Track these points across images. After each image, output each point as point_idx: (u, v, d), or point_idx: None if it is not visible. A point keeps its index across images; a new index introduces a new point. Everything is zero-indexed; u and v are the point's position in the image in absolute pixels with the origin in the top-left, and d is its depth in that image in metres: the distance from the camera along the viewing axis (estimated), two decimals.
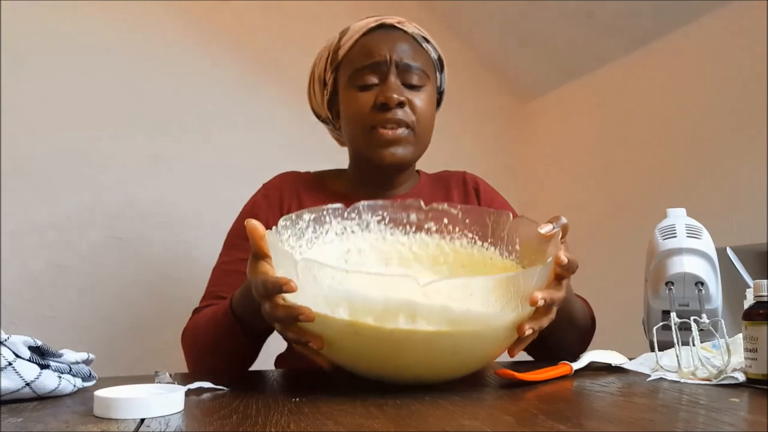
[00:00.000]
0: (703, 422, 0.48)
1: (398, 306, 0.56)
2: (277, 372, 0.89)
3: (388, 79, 0.93)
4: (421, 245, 0.80)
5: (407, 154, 0.95)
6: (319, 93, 1.03)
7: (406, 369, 0.61)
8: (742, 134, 1.35)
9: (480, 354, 0.63)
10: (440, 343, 0.58)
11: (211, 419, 0.50)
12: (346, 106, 0.96)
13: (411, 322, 0.56)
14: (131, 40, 1.48)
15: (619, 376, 0.73)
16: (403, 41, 0.96)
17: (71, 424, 0.49)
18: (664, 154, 1.54)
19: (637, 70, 1.65)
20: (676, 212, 0.93)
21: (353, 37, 0.97)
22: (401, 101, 0.92)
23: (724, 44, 1.41)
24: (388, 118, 0.92)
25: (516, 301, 0.59)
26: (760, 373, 0.62)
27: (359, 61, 0.95)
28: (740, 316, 0.65)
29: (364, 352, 0.61)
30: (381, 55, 0.93)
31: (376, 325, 0.57)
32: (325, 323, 0.59)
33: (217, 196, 1.52)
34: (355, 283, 0.57)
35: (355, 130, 0.95)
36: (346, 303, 0.58)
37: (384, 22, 0.97)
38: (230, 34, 1.60)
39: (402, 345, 0.58)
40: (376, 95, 0.93)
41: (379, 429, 0.45)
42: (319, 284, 0.58)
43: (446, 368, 0.63)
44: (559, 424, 0.46)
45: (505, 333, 0.62)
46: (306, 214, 0.74)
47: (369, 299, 0.57)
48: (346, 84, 0.97)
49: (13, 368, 0.56)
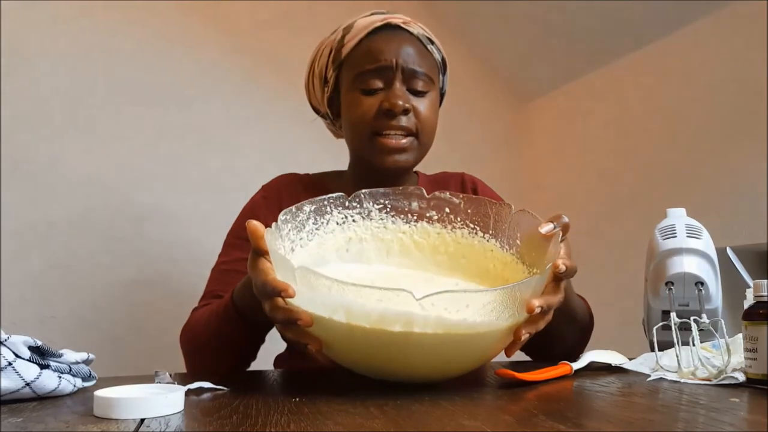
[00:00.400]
0: (703, 422, 0.48)
1: (395, 316, 0.57)
2: (276, 372, 0.89)
3: (394, 86, 0.92)
4: (422, 234, 0.80)
5: (409, 161, 0.95)
6: (320, 89, 1.01)
7: (403, 370, 0.62)
8: (742, 134, 1.35)
9: (475, 357, 0.64)
10: (435, 347, 0.59)
11: (211, 419, 0.50)
12: (350, 110, 0.94)
13: (408, 329, 0.57)
14: (131, 40, 1.48)
15: (619, 376, 0.73)
16: (408, 44, 0.94)
17: (71, 424, 0.49)
18: (664, 154, 1.54)
19: (637, 70, 1.65)
20: (676, 212, 0.93)
21: (357, 36, 0.94)
22: (406, 108, 0.91)
23: (724, 44, 1.41)
24: (392, 125, 0.91)
25: (512, 309, 0.60)
26: (760, 373, 0.62)
27: (364, 64, 0.93)
28: (740, 316, 0.65)
29: (362, 354, 0.62)
30: (387, 59, 0.92)
31: (374, 328, 0.57)
32: (323, 326, 0.60)
33: (218, 196, 1.52)
34: (352, 293, 0.57)
35: (358, 135, 0.94)
36: (343, 310, 0.58)
37: (390, 21, 0.95)
38: (232, 33, 1.60)
39: (399, 348, 0.59)
40: (380, 101, 0.91)
41: (379, 429, 0.45)
42: (317, 291, 0.59)
43: (442, 369, 0.63)
44: (559, 424, 0.46)
45: (501, 337, 0.62)
46: (307, 205, 0.74)
47: (366, 308, 0.57)
48: (349, 86, 0.95)
49: (13, 368, 0.56)
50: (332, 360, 0.65)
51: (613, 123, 1.70)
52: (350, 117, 0.95)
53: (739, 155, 1.35)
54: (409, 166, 0.97)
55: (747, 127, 1.34)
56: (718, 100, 1.41)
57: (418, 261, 0.80)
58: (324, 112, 1.04)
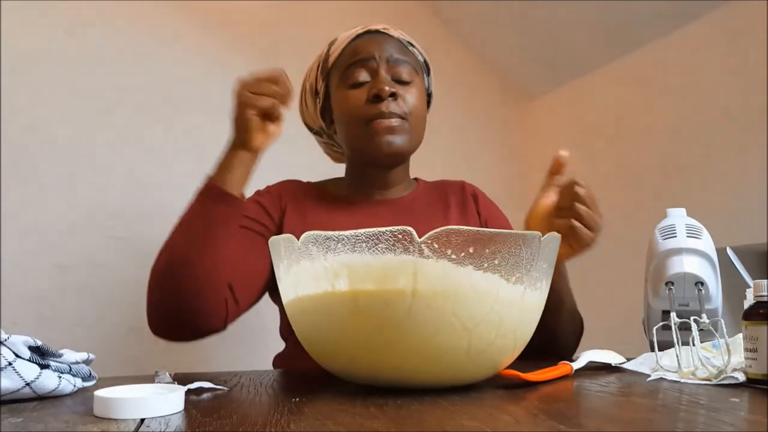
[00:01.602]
0: (703, 422, 0.48)
1: (399, 264, 0.56)
2: (276, 372, 0.89)
3: (379, 74, 0.96)
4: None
5: (403, 144, 0.97)
6: (312, 104, 1.05)
7: (408, 351, 0.58)
8: (742, 134, 1.35)
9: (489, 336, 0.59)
10: (441, 305, 0.57)
11: (211, 419, 0.50)
12: (340, 105, 0.98)
13: (413, 282, 0.56)
14: (132, 39, 1.48)
15: (619, 376, 0.73)
16: (389, 42, 0.99)
17: (71, 424, 0.49)
18: (664, 153, 1.54)
19: (637, 70, 1.65)
20: (676, 212, 0.93)
21: (341, 45, 1.00)
22: (393, 92, 0.94)
23: (724, 44, 1.41)
24: (381, 111, 0.94)
25: (520, 269, 0.59)
26: (760, 373, 0.62)
27: (348, 61, 0.97)
28: (740, 316, 0.65)
29: (365, 333, 0.59)
30: (369, 52, 0.97)
31: (377, 289, 0.56)
32: (325, 305, 0.59)
33: None
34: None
35: (351, 126, 0.97)
36: (346, 270, 0.57)
37: (369, 28, 1.00)
38: (233, 32, 1.60)
39: (405, 314, 0.56)
40: (368, 90, 0.95)
41: (379, 429, 0.45)
42: (317, 260, 0.59)
43: (452, 350, 0.59)
44: (559, 424, 0.46)
45: (510, 309, 0.59)
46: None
47: (369, 263, 0.57)
48: (337, 85, 0.99)
49: (13, 368, 0.56)
50: (330, 365, 0.65)
51: (613, 123, 1.70)
52: (342, 111, 0.98)
53: (739, 155, 1.35)
54: (403, 151, 0.98)
55: (747, 127, 1.34)
56: (718, 99, 1.41)
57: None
58: (318, 127, 1.07)
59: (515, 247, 0.58)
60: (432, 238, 0.56)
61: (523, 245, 0.59)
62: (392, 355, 0.59)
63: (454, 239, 0.56)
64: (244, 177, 0.87)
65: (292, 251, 0.62)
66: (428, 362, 0.59)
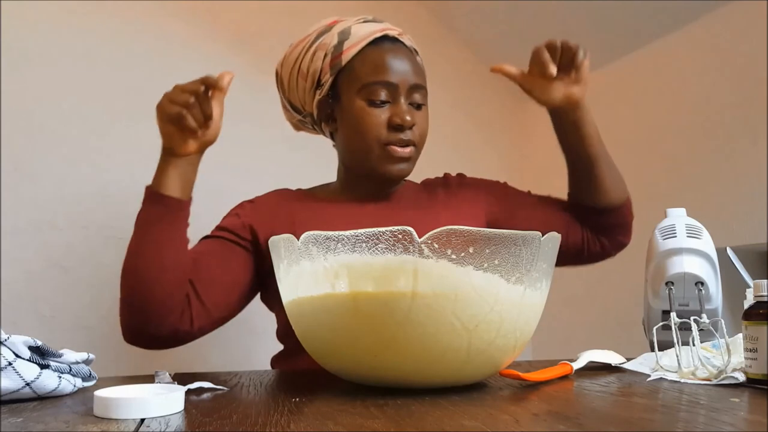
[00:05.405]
0: (703, 422, 0.48)
1: (399, 264, 0.56)
2: (276, 372, 0.89)
3: (399, 102, 0.97)
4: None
5: (410, 168, 1.01)
6: (309, 90, 1.01)
7: (408, 349, 0.58)
8: (742, 134, 1.35)
9: (489, 331, 0.59)
10: (441, 306, 0.57)
11: (211, 419, 0.50)
12: (358, 119, 0.97)
13: (413, 283, 0.56)
14: (132, 39, 1.48)
15: (619, 376, 0.73)
16: (407, 60, 0.99)
17: (71, 424, 0.49)
18: (664, 153, 1.54)
19: (636, 70, 1.65)
20: (676, 212, 0.93)
21: (358, 45, 0.97)
22: (413, 124, 0.97)
23: (724, 44, 1.41)
24: (400, 138, 0.96)
25: (520, 268, 0.58)
26: (760, 373, 0.62)
27: (371, 76, 0.96)
28: (740, 316, 0.65)
29: (366, 330, 0.59)
30: (394, 77, 0.96)
31: (379, 291, 0.56)
32: (325, 306, 0.59)
33: (218, 196, 1.51)
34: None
35: (365, 142, 0.97)
36: (346, 270, 0.57)
37: (387, 33, 0.99)
38: (234, 32, 1.60)
39: (405, 314, 0.56)
40: (389, 115, 0.96)
41: (379, 429, 0.45)
42: (317, 260, 0.59)
43: (451, 346, 0.58)
44: (559, 424, 0.46)
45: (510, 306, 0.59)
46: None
47: (369, 263, 0.57)
48: (355, 93, 0.97)
49: (13, 368, 0.56)
50: (332, 366, 0.65)
51: (613, 123, 1.70)
52: (359, 126, 0.97)
53: (739, 155, 1.35)
54: (408, 174, 1.02)
55: (747, 127, 1.34)
56: (718, 99, 1.41)
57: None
58: (308, 113, 1.04)
59: (515, 247, 0.58)
60: (432, 238, 0.56)
61: (523, 245, 0.59)
62: (392, 355, 0.59)
63: (454, 239, 0.56)
64: (183, 179, 0.90)
65: (292, 251, 0.62)
66: (428, 362, 0.59)
